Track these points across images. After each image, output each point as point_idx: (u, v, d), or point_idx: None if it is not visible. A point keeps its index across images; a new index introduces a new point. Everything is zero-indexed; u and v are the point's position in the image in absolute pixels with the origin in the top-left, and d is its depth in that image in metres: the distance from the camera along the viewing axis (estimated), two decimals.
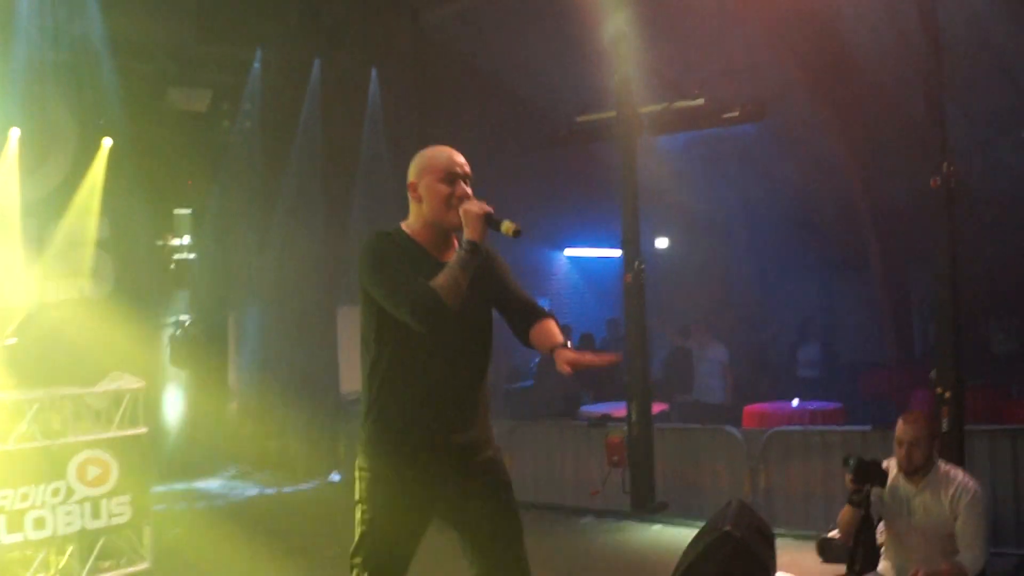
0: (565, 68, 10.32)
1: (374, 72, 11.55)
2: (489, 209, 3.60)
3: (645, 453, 8.76)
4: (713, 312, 13.24)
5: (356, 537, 3.68)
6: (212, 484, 11.30)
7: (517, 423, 10.48)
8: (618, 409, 10.51)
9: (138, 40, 10.48)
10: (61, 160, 10.19)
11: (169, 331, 11.61)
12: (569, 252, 15.70)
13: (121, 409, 7.55)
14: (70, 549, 7.20)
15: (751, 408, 10.57)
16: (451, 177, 3.71)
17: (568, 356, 3.68)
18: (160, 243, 11.35)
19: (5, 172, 9.57)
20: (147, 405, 7.73)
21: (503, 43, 10.78)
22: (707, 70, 9.73)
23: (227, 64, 11.26)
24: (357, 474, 3.76)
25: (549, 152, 12.82)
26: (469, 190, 3.72)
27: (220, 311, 11.97)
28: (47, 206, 10.13)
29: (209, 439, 11.35)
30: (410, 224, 3.77)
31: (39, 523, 7.07)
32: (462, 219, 3.60)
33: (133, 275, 10.86)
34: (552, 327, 3.91)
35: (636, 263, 8.65)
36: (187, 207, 11.51)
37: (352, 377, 12.27)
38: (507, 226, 3.57)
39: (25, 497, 7.02)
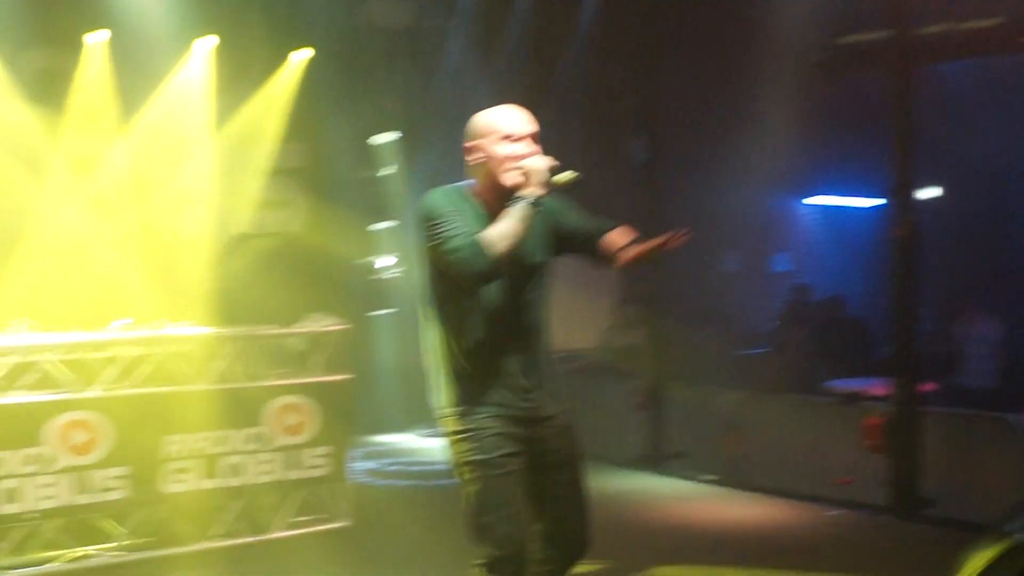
0: None
1: None
2: (555, 163, 3.94)
3: (910, 439, 8.42)
4: (986, 280, 12.55)
5: (473, 497, 4.04)
6: (405, 440, 11.63)
7: (749, 395, 10.30)
8: (871, 386, 10.18)
9: None
10: (255, 77, 10.53)
11: (371, 271, 11.86)
12: (812, 200, 15.23)
13: (324, 353, 7.79)
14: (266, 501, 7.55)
15: None
16: (516, 137, 4.01)
17: (626, 253, 4.16)
18: (362, 174, 11.57)
19: (197, 85, 9.90)
20: (351, 350, 7.92)
21: None
22: None
23: None
24: (450, 442, 4.15)
25: (790, 83, 12.41)
26: (535, 148, 4.02)
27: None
28: (237, 127, 10.47)
29: (406, 392, 11.61)
30: (470, 188, 4.12)
31: (235, 469, 7.44)
32: (526, 176, 3.94)
33: (331, 207, 11.12)
34: (615, 237, 4.24)
35: (907, 215, 8.29)
36: (391, 132, 11.67)
37: (565, 332, 12.41)
38: (566, 177, 3.94)
39: (221, 441, 7.38)
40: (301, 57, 10.69)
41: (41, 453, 6.79)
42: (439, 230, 3.91)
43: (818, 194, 15.21)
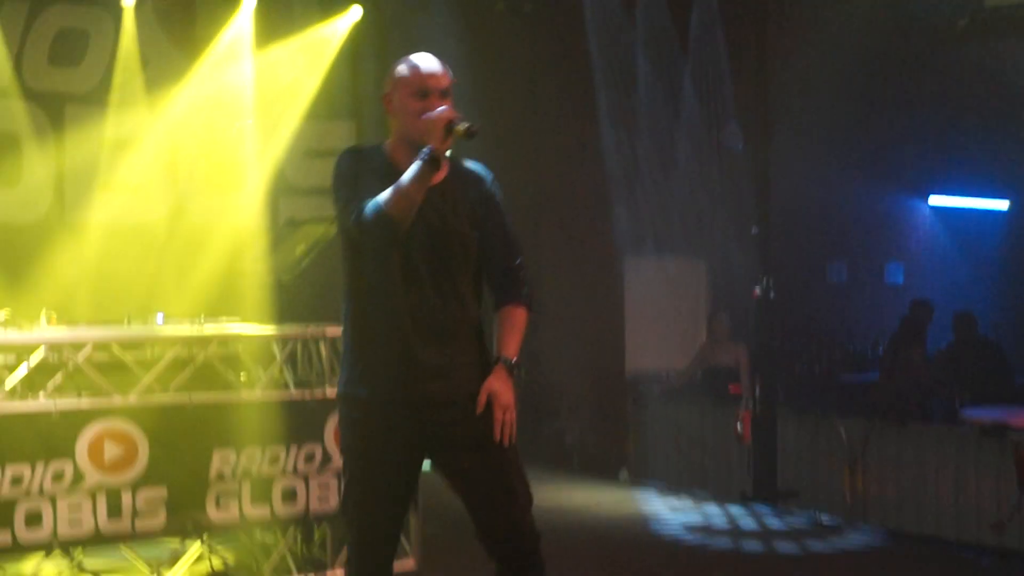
0: None
1: None
2: (452, 115, 4.09)
3: None
4: None
5: (341, 490, 4.44)
6: None
7: (868, 423, 10.18)
8: (1017, 416, 10.05)
9: None
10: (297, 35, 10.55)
11: None
12: (936, 201, 15.12)
13: None
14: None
15: None
16: (424, 91, 4.22)
17: (495, 391, 4.24)
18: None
19: (234, 50, 9.94)
20: None
21: None
22: None
23: None
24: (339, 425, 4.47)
25: (909, 67, 12.33)
26: (442, 103, 4.19)
27: None
28: (283, 100, 10.46)
29: None
30: (389, 141, 4.39)
31: (287, 495, 7.31)
32: (427, 130, 4.09)
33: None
34: (514, 322, 4.39)
35: None
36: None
37: (644, 352, 12.35)
38: (459, 128, 4.07)
39: (274, 460, 7.27)
40: (349, 19, 10.67)
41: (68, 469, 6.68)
42: (338, 194, 4.25)
43: (942, 193, 15.07)
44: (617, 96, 11.95)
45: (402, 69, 4.32)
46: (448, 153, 4.21)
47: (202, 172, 10.13)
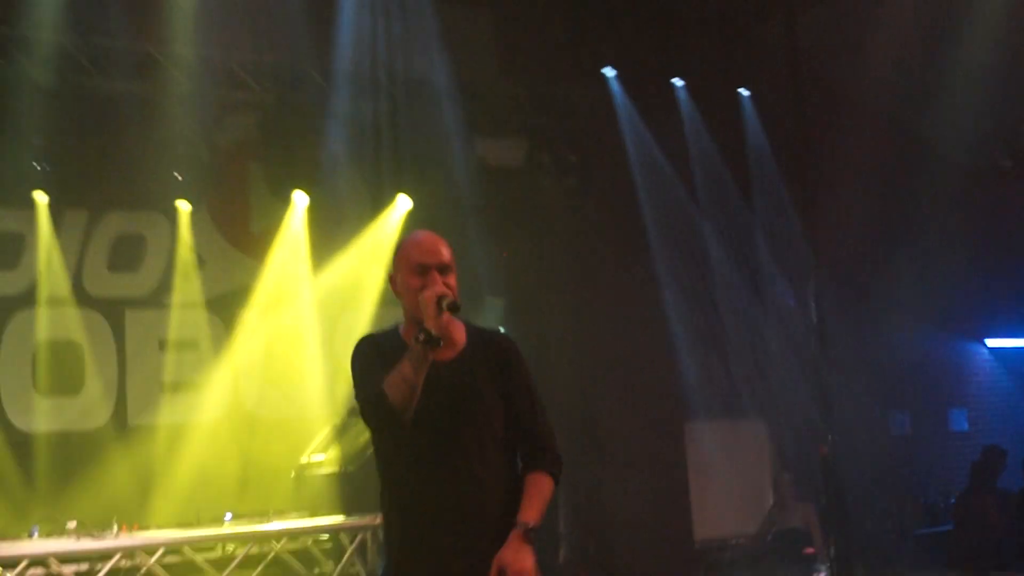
0: (994, 83, 10.00)
1: (745, 95, 11.69)
2: (444, 292, 4.05)
3: None
4: None
5: None
6: None
7: None
8: None
9: (437, 81, 10.97)
10: (350, 231, 10.76)
11: None
12: (994, 343, 15.05)
13: None
14: None
15: None
16: (423, 269, 4.16)
17: (505, 562, 3.98)
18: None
19: (292, 249, 10.17)
20: None
21: (905, 47, 10.58)
22: None
23: (546, 105, 11.61)
24: None
25: (959, 206, 12.41)
26: (448, 281, 4.15)
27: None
28: (338, 288, 10.63)
29: None
30: (401, 322, 4.31)
31: None
32: (423, 310, 4.03)
33: None
34: (538, 489, 4.21)
35: None
36: (498, 292, 11.81)
37: (712, 518, 12.21)
38: (447, 302, 4.01)
39: None
40: (400, 210, 10.88)
41: None
42: (355, 383, 4.14)
43: (999, 335, 15.01)
44: (676, 256, 12.08)
45: (402, 247, 4.30)
46: (466, 322, 4.25)
47: (264, 368, 10.19)
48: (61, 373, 9.79)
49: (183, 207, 10.12)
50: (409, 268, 4.18)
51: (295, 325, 10.39)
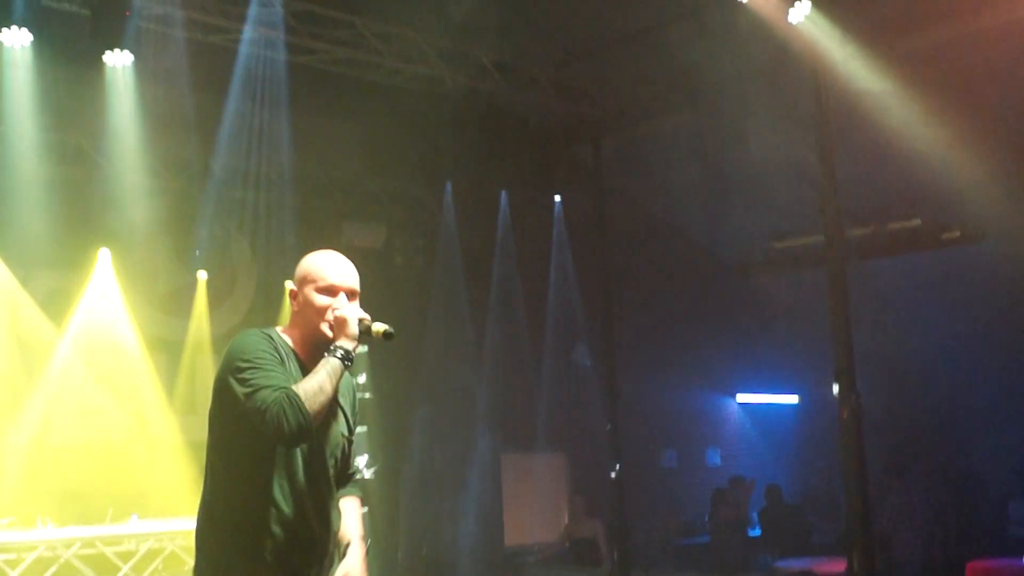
0: (755, 192, 10.54)
1: (558, 203, 12.07)
2: (364, 316, 3.50)
3: None
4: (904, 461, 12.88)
5: None
6: None
7: None
8: (819, 564, 10.32)
9: (315, 176, 11.13)
10: (243, 304, 10.78)
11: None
12: (742, 398, 15.66)
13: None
14: None
15: (976, 564, 10.21)
16: (332, 290, 3.52)
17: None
18: None
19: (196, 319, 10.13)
20: None
21: (686, 169, 11.09)
22: (922, 188, 9.69)
23: (401, 199, 11.85)
24: None
25: (721, 293, 12.97)
26: (351, 304, 3.54)
27: (391, 454, 12.19)
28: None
29: None
30: (289, 331, 3.59)
31: None
32: (337, 327, 3.44)
33: None
34: (356, 511, 3.76)
35: (853, 396, 8.61)
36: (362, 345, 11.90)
37: (520, 529, 12.42)
38: (377, 329, 3.50)
39: None
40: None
41: None
42: (250, 376, 3.30)
43: (746, 391, 15.60)
44: (498, 324, 12.37)
45: (312, 265, 3.58)
46: None
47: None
48: None
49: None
50: (317, 286, 3.51)
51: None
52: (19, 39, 8.07)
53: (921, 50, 8.76)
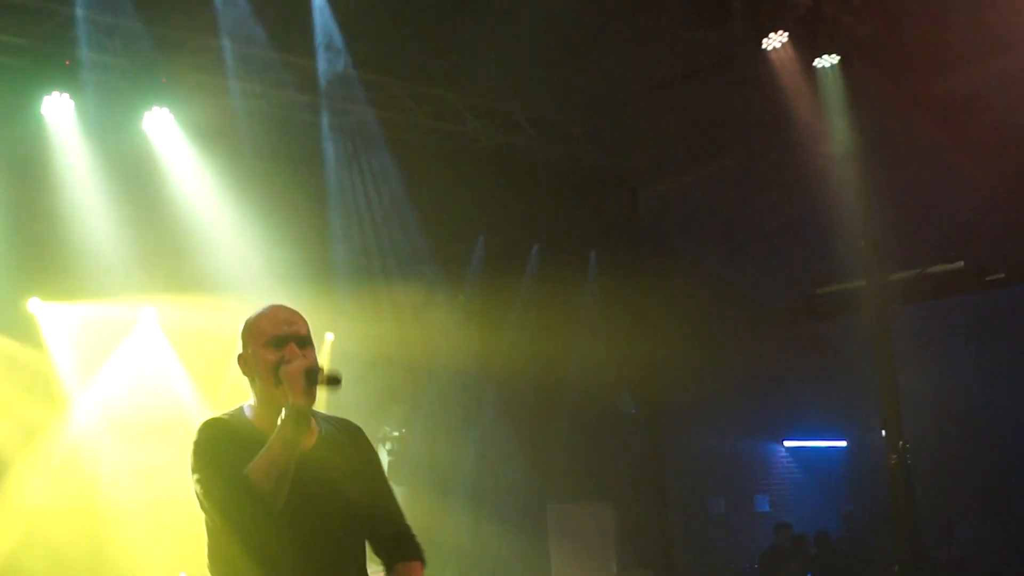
0: (794, 240, 10.29)
1: (593, 256, 11.84)
2: (312, 364, 3.03)
3: None
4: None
5: None
6: None
7: None
8: None
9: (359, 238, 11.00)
10: None
11: None
12: (789, 443, 15.24)
13: None
14: None
15: None
16: (277, 340, 3.10)
17: None
18: (379, 435, 11.54)
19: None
20: None
21: (724, 217, 10.87)
22: (964, 230, 9.39)
23: (442, 256, 11.70)
24: None
25: (765, 339, 12.67)
26: (302, 352, 3.12)
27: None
28: None
29: None
30: (250, 404, 3.21)
31: None
32: (286, 385, 2.98)
33: None
34: None
35: (900, 443, 8.29)
36: (402, 401, 11.72)
37: None
38: (323, 375, 3.00)
39: None
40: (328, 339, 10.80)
41: None
42: (200, 471, 3.00)
43: (793, 438, 15.20)
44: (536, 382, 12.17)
45: (252, 321, 3.19)
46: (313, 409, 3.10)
47: None
48: None
49: None
50: (262, 342, 3.11)
51: None
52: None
53: (960, 88, 8.49)
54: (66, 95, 7.91)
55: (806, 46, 8.39)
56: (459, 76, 9.48)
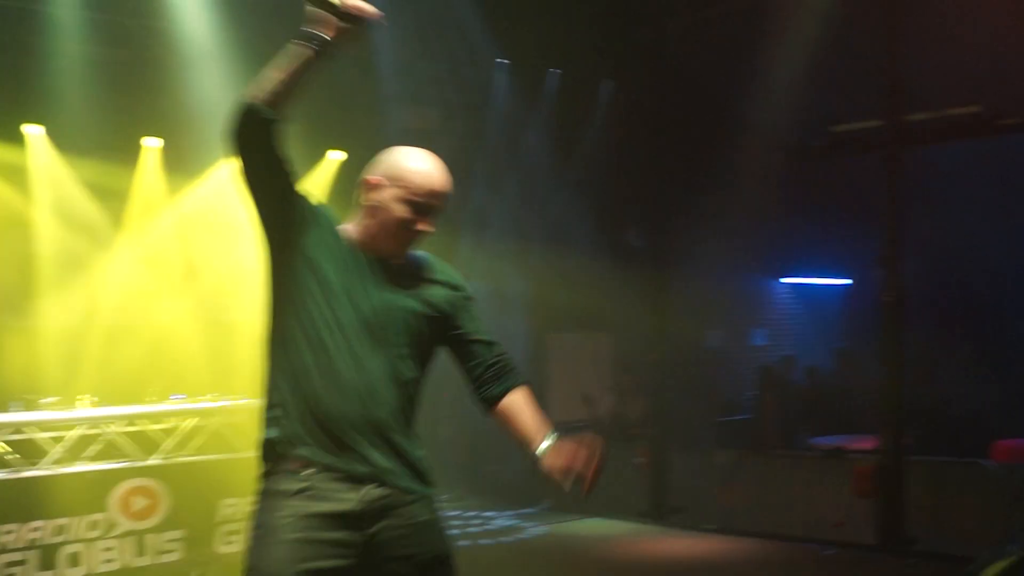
0: (816, 76, 9.90)
1: (610, 85, 11.56)
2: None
3: (896, 485, 8.46)
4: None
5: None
6: None
7: (741, 454, 10.31)
8: (852, 441, 10.06)
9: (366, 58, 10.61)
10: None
11: None
12: (792, 280, 15.13)
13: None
14: None
15: (1005, 444, 9.82)
16: (419, 207, 2.97)
17: (559, 463, 3.02)
18: None
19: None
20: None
21: (748, 51, 10.41)
22: (982, 73, 8.98)
23: (451, 81, 11.35)
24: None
25: (777, 176, 12.38)
26: (430, 222, 3.01)
27: None
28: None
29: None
30: (351, 226, 3.05)
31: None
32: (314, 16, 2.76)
33: None
34: (530, 410, 3.18)
35: (895, 282, 8.17)
36: None
37: (567, 406, 12.19)
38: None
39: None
40: (336, 157, 10.55)
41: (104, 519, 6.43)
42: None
43: (793, 274, 15.08)
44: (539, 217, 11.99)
45: (406, 166, 2.99)
46: (418, 253, 3.08)
47: (216, 276, 9.47)
48: None
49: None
50: (404, 195, 2.95)
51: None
52: None
53: None
54: None
55: None
56: None
